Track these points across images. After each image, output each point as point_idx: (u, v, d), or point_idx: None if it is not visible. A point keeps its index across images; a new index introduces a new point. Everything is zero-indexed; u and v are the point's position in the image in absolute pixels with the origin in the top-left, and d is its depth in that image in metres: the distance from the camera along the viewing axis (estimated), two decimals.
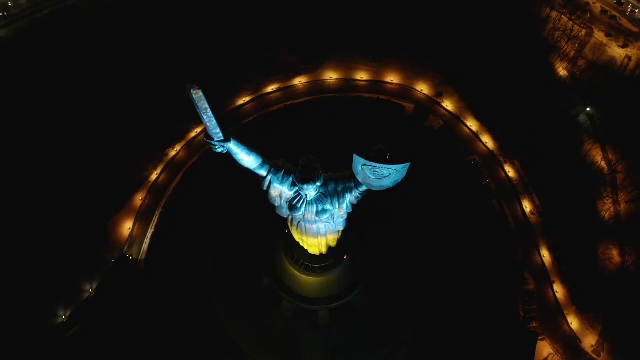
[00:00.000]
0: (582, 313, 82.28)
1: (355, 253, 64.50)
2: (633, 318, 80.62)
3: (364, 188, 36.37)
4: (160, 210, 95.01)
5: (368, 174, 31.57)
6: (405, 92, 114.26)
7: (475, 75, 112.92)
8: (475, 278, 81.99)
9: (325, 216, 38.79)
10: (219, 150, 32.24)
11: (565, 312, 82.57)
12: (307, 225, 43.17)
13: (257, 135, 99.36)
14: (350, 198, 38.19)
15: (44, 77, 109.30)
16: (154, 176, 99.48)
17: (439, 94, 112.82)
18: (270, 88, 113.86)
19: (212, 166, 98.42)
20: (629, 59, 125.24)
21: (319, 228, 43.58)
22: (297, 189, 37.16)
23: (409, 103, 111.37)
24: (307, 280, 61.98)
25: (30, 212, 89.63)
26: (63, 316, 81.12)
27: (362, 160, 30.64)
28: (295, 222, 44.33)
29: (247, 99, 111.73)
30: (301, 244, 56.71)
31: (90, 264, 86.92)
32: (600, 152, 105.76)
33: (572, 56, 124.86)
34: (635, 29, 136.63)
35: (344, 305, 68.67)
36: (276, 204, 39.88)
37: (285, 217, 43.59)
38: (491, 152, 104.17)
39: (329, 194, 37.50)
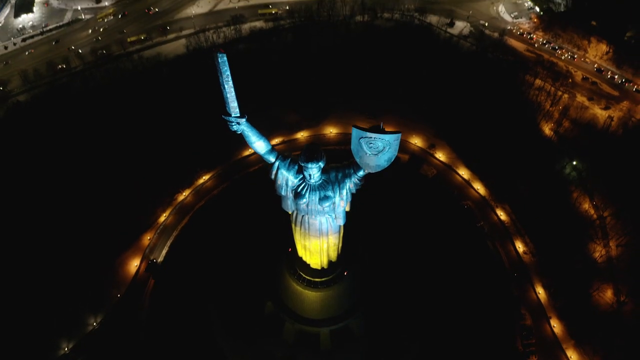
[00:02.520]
0: (581, 347, 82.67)
1: (355, 273, 67.73)
2: (632, 352, 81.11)
3: (362, 172, 41.73)
4: (167, 249, 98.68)
5: (365, 148, 37.38)
6: (400, 144, 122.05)
7: (465, 130, 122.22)
8: (473, 314, 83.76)
9: (327, 203, 43.69)
10: (234, 128, 37.46)
11: (564, 346, 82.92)
12: (311, 221, 47.85)
13: (263, 181, 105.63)
14: (350, 184, 43.43)
15: (61, 132, 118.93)
16: (162, 218, 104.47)
17: (432, 146, 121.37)
18: (275, 141, 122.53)
19: (218, 210, 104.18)
20: (611, 119, 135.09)
21: (321, 223, 48.11)
22: (301, 176, 42.63)
23: (404, 154, 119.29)
24: (310, 298, 64.75)
25: (44, 247, 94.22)
26: (65, 348, 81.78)
27: (360, 133, 36.66)
28: (299, 218, 48.95)
29: (252, 150, 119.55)
30: (304, 257, 60.74)
31: (96, 298, 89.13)
32: (587, 200, 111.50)
33: (557, 118, 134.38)
34: (615, 93, 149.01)
35: (344, 329, 70.61)
36: (282, 193, 44.79)
37: (290, 211, 48.34)
38: (483, 197, 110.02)
39: (330, 181, 42.97)
